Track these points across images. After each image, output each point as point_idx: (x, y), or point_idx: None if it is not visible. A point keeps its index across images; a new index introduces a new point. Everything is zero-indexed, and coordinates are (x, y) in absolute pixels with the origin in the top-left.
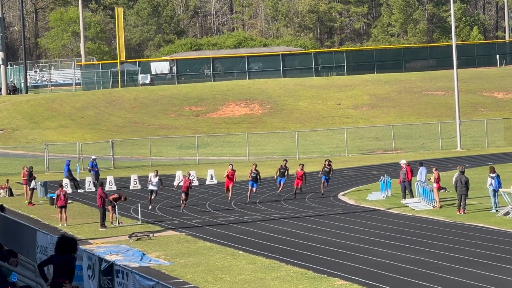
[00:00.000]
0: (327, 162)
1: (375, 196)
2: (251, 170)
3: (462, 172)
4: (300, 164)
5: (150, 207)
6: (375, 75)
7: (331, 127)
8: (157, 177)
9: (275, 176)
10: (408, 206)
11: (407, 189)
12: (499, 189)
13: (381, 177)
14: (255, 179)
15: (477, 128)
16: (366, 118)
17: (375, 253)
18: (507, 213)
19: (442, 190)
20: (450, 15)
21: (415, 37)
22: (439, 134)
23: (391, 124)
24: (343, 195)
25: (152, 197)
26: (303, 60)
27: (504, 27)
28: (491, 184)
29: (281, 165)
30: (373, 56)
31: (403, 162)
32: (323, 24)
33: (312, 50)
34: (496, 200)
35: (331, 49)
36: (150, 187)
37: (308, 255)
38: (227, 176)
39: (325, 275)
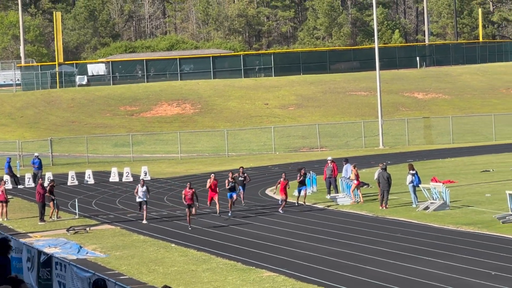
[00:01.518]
0: (303, 171)
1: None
2: (229, 180)
3: (384, 169)
4: (283, 173)
5: (144, 222)
6: (301, 76)
7: (259, 126)
8: (144, 187)
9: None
10: (333, 201)
11: (332, 185)
12: (419, 185)
13: (307, 173)
14: (233, 188)
15: (398, 127)
16: (293, 117)
17: (301, 246)
18: (426, 208)
19: (365, 186)
20: (372, 19)
21: (339, 40)
22: (362, 133)
23: (316, 123)
24: (271, 191)
25: (144, 208)
26: (232, 62)
27: (424, 31)
28: (412, 181)
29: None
30: (299, 58)
31: (329, 159)
32: (251, 27)
33: (241, 53)
34: (416, 195)
35: (259, 52)
36: (138, 199)
37: (238, 248)
38: (210, 187)
39: (254, 267)
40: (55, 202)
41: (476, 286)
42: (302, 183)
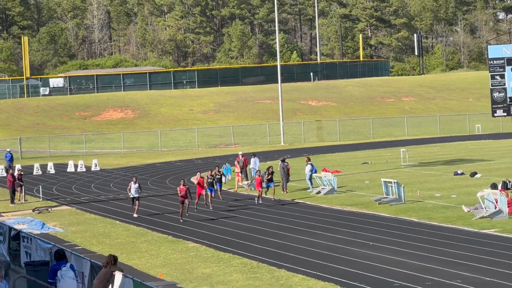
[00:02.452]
0: (270, 169)
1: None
2: (208, 176)
3: (283, 161)
4: (257, 171)
5: (135, 215)
6: (219, 88)
7: (185, 127)
8: (137, 184)
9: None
10: (244, 187)
11: (242, 174)
12: (315, 174)
13: (224, 164)
14: (212, 184)
15: (295, 128)
16: (212, 120)
17: (219, 223)
18: (318, 192)
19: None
20: (275, 42)
21: (249, 59)
22: (267, 133)
23: (231, 125)
24: (194, 179)
25: (136, 204)
26: (164, 76)
27: (316, 52)
28: (311, 170)
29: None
30: (217, 73)
31: (240, 153)
32: (179, 49)
33: (171, 69)
34: (311, 182)
35: (185, 68)
36: (131, 196)
37: (168, 224)
38: (198, 184)
39: (181, 239)
40: (23, 188)
41: (357, 254)
42: (270, 180)
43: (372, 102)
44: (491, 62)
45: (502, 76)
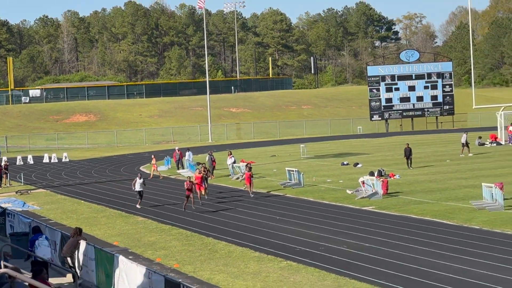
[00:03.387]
0: (249, 165)
1: (162, 168)
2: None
3: (210, 154)
4: (247, 164)
5: (138, 206)
6: (162, 98)
7: (135, 128)
8: (141, 179)
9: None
10: (181, 174)
11: (179, 164)
12: (234, 164)
13: (165, 156)
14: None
15: (220, 129)
16: (156, 123)
17: (160, 201)
18: (237, 178)
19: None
20: (205, 63)
21: (185, 76)
22: (198, 132)
23: (171, 126)
24: (143, 167)
25: (141, 197)
26: (119, 89)
27: (236, 70)
28: (234, 161)
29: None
30: (160, 87)
31: (177, 148)
32: (131, 67)
33: (125, 83)
34: (233, 171)
35: (135, 83)
36: (136, 189)
37: (122, 202)
38: (197, 183)
39: (132, 215)
40: (8, 175)
41: (268, 226)
42: (249, 169)
43: (279, 109)
44: (370, 79)
45: (378, 90)
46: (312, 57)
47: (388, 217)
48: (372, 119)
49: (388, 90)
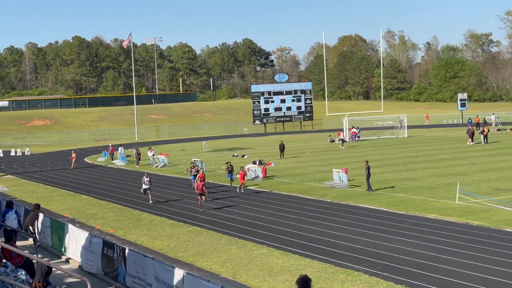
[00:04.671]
0: (229, 163)
1: (100, 159)
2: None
3: (137, 149)
4: (241, 167)
5: (150, 202)
6: (101, 107)
7: (81, 130)
8: (148, 177)
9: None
10: (115, 163)
11: (112, 156)
12: (154, 156)
13: (103, 151)
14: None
15: (144, 130)
16: (96, 126)
17: (99, 183)
18: (157, 166)
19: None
20: (132, 82)
21: (117, 91)
22: (128, 133)
23: (107, 128)
24: (86, 158)
25: (149, 193)
26: (69, 101)
27: (156, 87)
28: (153, 154)
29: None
30: (99, 99)
31: (110, 145)
32: (77, 85)
33: (73, 97)
34: (153, 161)
35: (81, 96)
36: (144, 186)
37: (71, 185)
38: (199, 179)
39: (79, 193)
40: None
41: (179, 201)
42: (230, 172)
43: (187, 116)
44: (253, 94)
45: (259, 102)
46: (211, 78)
47: (266, 194)
48: (255, 123)
49: (266, 102)
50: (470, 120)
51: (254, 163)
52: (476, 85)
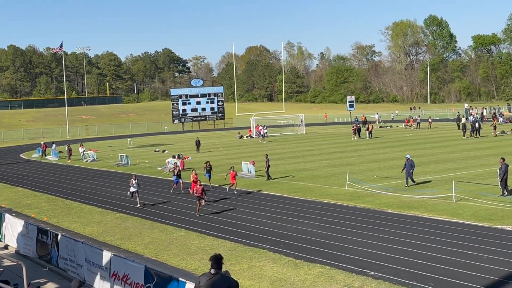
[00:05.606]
0: (208, 163)
1: (35, 156)
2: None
3: (68, 146)
4: (231, 167)
5: (138, 206)
6: (35, 109)
7: (17, 129)
8: (136, 180)
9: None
10: (48, 159)
11: (44, 153)
12: (84, 152)
13: (37, 148)
14: (179, 176)
15: (75, 129)
16: (31, 125)
17: (34, 176)
18: (87, 161)
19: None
20: (64, 86)
21: (50, 95)
22: (60, 131)
23: (41, 128)
24: (22, 154)
25: (137, 196)
26: (5, 103)
27: (85, 91)
28: (84, 150)
29: (176, 167)
30: (33, 102)
31: (42, 142)
32: (13, 89)
33: (9, 99)
34: (84, 155)
35: (17, 99)
36: (132, 189)
37: (7, 178)
38: (193, 180)
39: (16, 186)
40: None
41: (107, 191)
42: (208, 172)
43: (113, 116)
44: (172, 97)
45: (177, 104)
46: (135, 83)
47: (184, 184)
48: (174, 122)
49: (184, 104)
50: (357, 119)
51: (174, 157)
52: (362, 89)
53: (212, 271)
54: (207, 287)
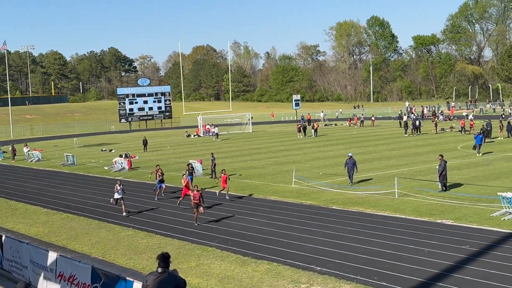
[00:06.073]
0: (190, 166)
1: None
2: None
3: (12, 146)
4: (222, 170)
5: (124, 214)
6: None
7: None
8: (121, 186)
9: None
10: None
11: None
12: (29, 152)
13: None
14: (162, 181)
15: (19, 129)
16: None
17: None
18: (31, 161)
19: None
20: (7, 85)
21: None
22: (4, 131)
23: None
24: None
25: (122, 203)
26: None
27: (29, 90)
28: (28, 150)
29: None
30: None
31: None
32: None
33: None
34: (29, 155)
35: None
36: (116, 196)
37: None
38: (185, 186)
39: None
40: None
41: (53, 191)
42: (190, 174)
43: (59, 115)
44: (119, 96)
45: (124, 103)
46: (81, 82)
47: (131, 183)
48: (121, 121)
49: (131, 103)
50: (303, 117)
51: (121, 156)
52: (307, 88)
53: (159, 269)
54: (154, 286)
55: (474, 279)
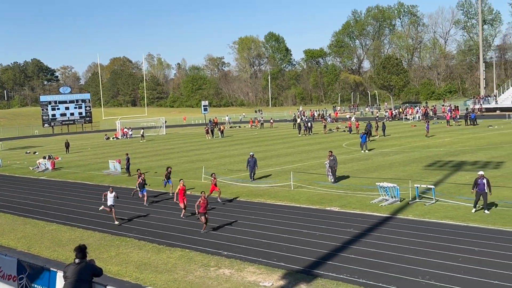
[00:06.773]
0: (169, 169)
1: None
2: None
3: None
4: (212, 174)
5: (116, 223)
6: None
7: None
8: (113, 193)
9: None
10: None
11: None
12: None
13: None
14: (143, 186)
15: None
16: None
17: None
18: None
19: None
20: None
21: None
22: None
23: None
24: None
25: (113, 211)
26: None
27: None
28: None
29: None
30: None
31: None
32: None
33: None
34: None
35: None
36: (109, 203)
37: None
38: (181, 189)
39: None
40: None
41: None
42: (167, 178)
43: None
44: (42, 103)
45: (47, 109)
46: (5, 90)
47: (55, 181)
48: (44, 126)
49: (53, 109)
50: (210, 120)
51: (45, 158)
52: (214, 95)
53: (77, 260)
54: (73, 276)
55: (358, 257)
